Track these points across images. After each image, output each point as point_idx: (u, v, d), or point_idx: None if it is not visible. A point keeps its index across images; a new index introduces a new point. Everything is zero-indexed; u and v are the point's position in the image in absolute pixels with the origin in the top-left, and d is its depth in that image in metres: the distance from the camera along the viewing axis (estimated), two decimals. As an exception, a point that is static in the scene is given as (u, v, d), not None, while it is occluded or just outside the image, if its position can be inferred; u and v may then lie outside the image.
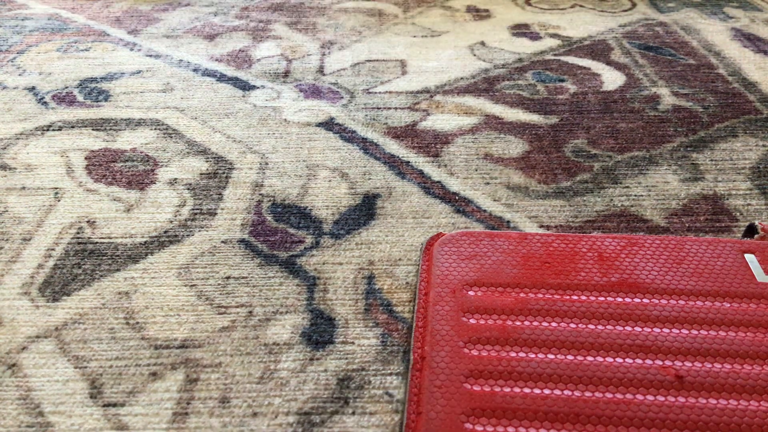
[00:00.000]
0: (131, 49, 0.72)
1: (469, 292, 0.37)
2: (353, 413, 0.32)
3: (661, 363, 0.33)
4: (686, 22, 0.80)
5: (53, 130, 0.57)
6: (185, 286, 0.40)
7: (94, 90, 0.63)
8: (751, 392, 0.32)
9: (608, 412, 0.31)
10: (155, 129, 0.57)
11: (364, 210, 0.47)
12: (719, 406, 0.31)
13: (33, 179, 0.50)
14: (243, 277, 0.40)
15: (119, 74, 0.67)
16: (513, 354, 0.34)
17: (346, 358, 0.35)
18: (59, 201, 0.47)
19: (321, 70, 0.68)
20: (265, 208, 0.47)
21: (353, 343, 0.36)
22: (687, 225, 0.45)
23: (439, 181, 0.50)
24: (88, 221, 0.45)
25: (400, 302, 0.39)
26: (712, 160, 0.52)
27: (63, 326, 0.37)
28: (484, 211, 0.46)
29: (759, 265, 0.39)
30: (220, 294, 0.39)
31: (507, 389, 0.32)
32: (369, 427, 0.32)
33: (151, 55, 0.71)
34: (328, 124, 0.57)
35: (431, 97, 0.62)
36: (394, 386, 0.34)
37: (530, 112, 0.60)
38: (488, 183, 0.49)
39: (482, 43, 0.74)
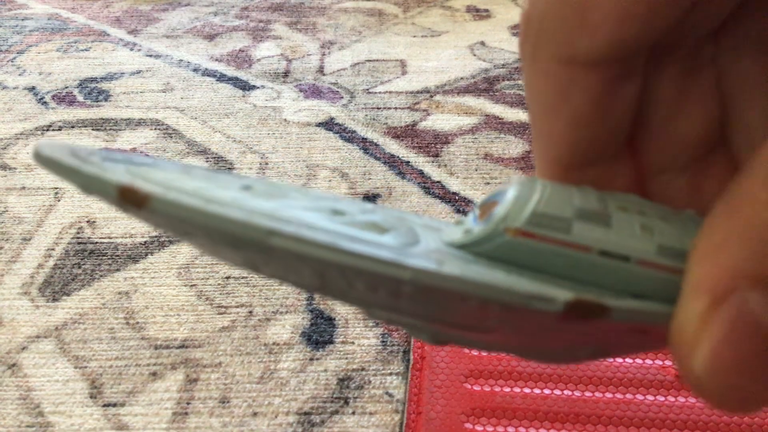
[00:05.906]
0: (131, 49, 0.72)
1: (469, 292, 0.37)
2: (353, 413, 0.32)
3: (661, 363, 0.33)
4: (686, 22, 0.80)
5: (53, 130, 0.57)
6: (185, 286, 0.40)
7: (94, 90, 0.63)
8: (751, 392, 0.32)
9: (608, 412, 0.31)
10: (155, 129, 0.57)
11: (364, 210, 0.46)
12: (719, 406, 0.31)
13: (33, 179, 0.50)
14: (243, 277, 0.40)
15: (119, 74, 0.67)
16: (513, 354, 0.34)
17: (346, 358, 0.35)
18: (59, 201, 0.47)
19: (321, 70, 0.68)
20: (265, 208, 0.47)
21: (353, 343, 0.36)
22: (687, 225, 0.45)
23: (439, 181, 0.50)
24: (88, 221, 0.45)
25: (400, 302, 0.39)
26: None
27: (63, 326, 0.37)
28: (484, 211, 0.46)
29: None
30: (220, 294, 0.39)
31: (507, 389, 0.32)
32: (369, 427, 0.32)
33: (151, 55, 0.71)
34: (328, 124, 0.57)
35: (431, 97, 0.62)
36: (394, 386, 0.34)
37: (530, 112, 0.60)
38: (488, 183, 0.49)
39: (482, 43, 0.74)
